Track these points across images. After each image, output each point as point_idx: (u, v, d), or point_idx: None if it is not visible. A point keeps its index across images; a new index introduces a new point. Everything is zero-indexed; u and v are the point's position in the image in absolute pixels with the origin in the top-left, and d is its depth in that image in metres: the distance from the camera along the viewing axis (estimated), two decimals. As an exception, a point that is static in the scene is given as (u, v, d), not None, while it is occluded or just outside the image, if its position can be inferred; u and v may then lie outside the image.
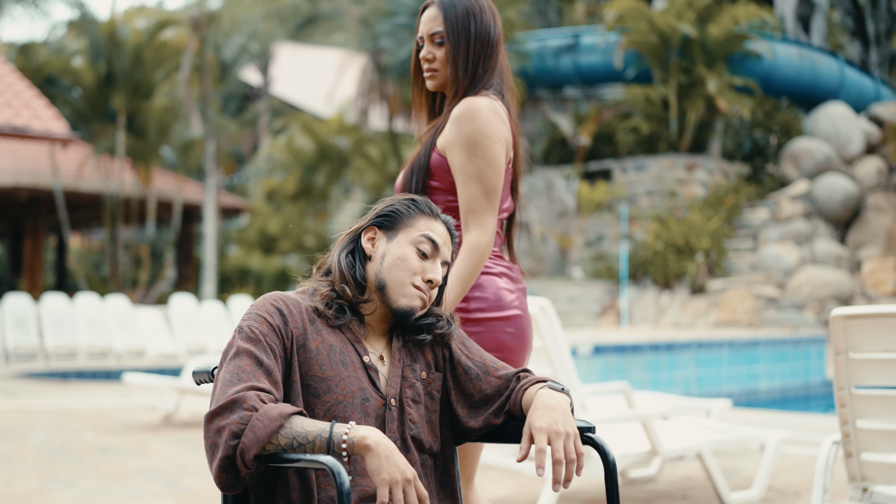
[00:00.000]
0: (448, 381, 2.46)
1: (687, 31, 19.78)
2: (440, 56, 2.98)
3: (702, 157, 20.27)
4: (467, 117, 2.95)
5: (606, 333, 13.85)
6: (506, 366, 2.48)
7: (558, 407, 2.24)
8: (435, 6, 3.00)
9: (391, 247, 2.40)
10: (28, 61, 24.44)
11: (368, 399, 2.32)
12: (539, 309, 5.45)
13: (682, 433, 5.59)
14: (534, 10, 26.25)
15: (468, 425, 2.44)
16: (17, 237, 27.22)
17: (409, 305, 2.36)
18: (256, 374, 2.17)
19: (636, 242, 18.85)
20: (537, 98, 23.92)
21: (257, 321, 2.26)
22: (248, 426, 2.07)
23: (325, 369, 2.29)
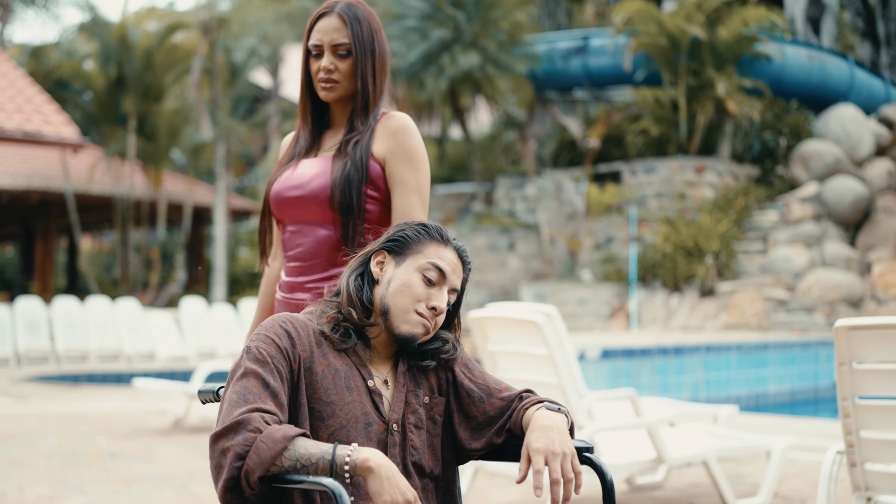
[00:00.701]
0: (451, 405, 2.48)
1: (696, 34, 19.77)
2: (343, 68, 2.91)
3: (711, 160, 20.25)
4: (408, 132, 2.96)
5: (615, 336, 13.86)
6: (509, 386, 2.50)
7: (555, 427, 2.26)
8: (336, 17, 2.91)
9: (398, 272, 2.41)
10: (39, 65, 24.54)
11: (371, 424, 2.34)
12: (544, 316, 5.48)
13: (689, 440, 5.60)
14: (543, 12, 26.27)
15: (470, 447, 2.46)
16: (29, 239, 27.33)
17: (410, 332, 2.37)
18: (262, 395, 2.20)
19: (645, 245, 18.85)
20: (546, 100, 23.93)
21: (265, 342, 2.29)
22: (252, 448, 2.09)
23: (329, 393, 2.32)
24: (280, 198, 2.91)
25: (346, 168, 2.86)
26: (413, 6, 21.48)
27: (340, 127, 2.99)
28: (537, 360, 5.09)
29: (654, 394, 11.61)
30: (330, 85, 2.91)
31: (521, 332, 5.10)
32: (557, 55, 22.63)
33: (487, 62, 20.95)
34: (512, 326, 5.15)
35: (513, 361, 5.29)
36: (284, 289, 2.94)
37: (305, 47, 2.94)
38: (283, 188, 2.91)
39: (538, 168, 22.77)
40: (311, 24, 2.92)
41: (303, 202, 2.86)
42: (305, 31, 2.96)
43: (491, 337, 5.31)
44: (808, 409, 13.25)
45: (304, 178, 2.88)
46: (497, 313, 5.21)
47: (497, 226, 21.61)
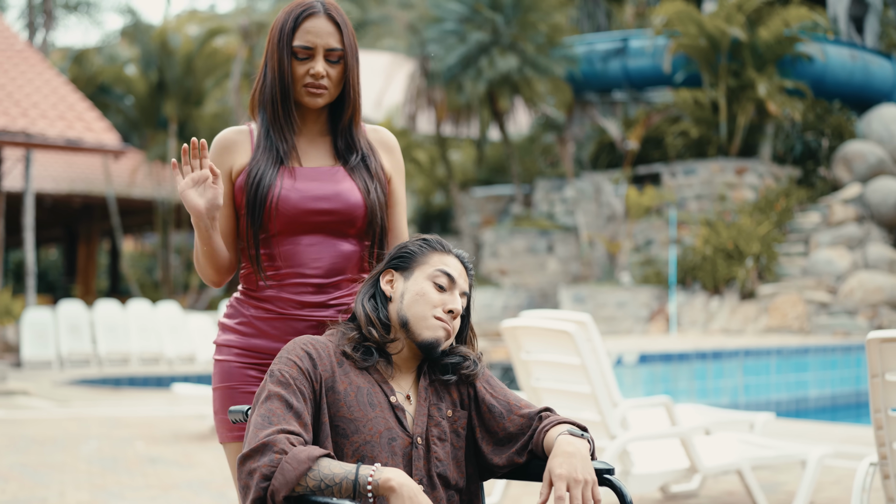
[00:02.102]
0: (473, 419, 2.53)
1: (737, 35, 19.62)
2: (334, 74, 2.74)
3: (752, 161, 20.10)
4: (399, 147, 2.92)
5: (654, 340, 13.80)
6: (529, 403, 2.54)
7: (577, 454, 2.30)
8: (326, 19, 2.73)
9: (409, 285, 2.48)
10: (82, 70, 24.83)
11: (395, 438, 2.40)
12: (576, 326, 5.47)
13: (723, 449, 5.58)
14: (582, 13, 26.19)
15: (493, 462, 2.50)
16: (72, 242, 27.68)
17: (433, 337, 2.44)
18: (286, 416, 2.27)
19: (685, 247, 18.74)
20: (585, 102, 23.85)
21: (287, 365, 2.36)
22: (277, 469, 2.16)
23: (353, 410, 2.38)
24: (301, 208, 2.69)
25: (378, 189, 2.77)
26: (451, 9, 21.50)
27: (315, 135, 2.81)
28: (571, 370, 5.09)
29: (692, 399, 11.55)
30: (320, 91, 2.73)
31: (554, 341, 5.10)
32: (596, 57, 22.56)
33: (526, 65, 20.93)
34: (544, 336, 5.16)
35: (546, 371, 5.29)
36: (295, 305, 2.71)
37: (289, 47, 2.71)
38: (305, 198, 2.70)
39: (577, 170, 22.71)
40: (295, 23, 2.71)
41: (332, 214, 2.71)
42: (280, 28, 2.73)
43: (524, 346, 5.31)
44: (849, 414, 13.12)
45: (333, 191, 2.71)
46: (530, 322, 5.22)
47: (536, 228, 21.57)
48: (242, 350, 2.73)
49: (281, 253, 2.72)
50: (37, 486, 6.54)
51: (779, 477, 6.66)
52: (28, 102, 13.71)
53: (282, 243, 2.72)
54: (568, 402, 5.25)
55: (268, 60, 2.77)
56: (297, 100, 2.77)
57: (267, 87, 2.77)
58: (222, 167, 2.75)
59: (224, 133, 2.80)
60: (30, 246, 18.72)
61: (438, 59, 21.43)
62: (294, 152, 2.76)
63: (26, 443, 8.51)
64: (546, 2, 21.52)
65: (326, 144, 2.82)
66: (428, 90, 21.76)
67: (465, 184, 24.91)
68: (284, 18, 2.74)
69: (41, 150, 13.82)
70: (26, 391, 12.88)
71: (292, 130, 2.77)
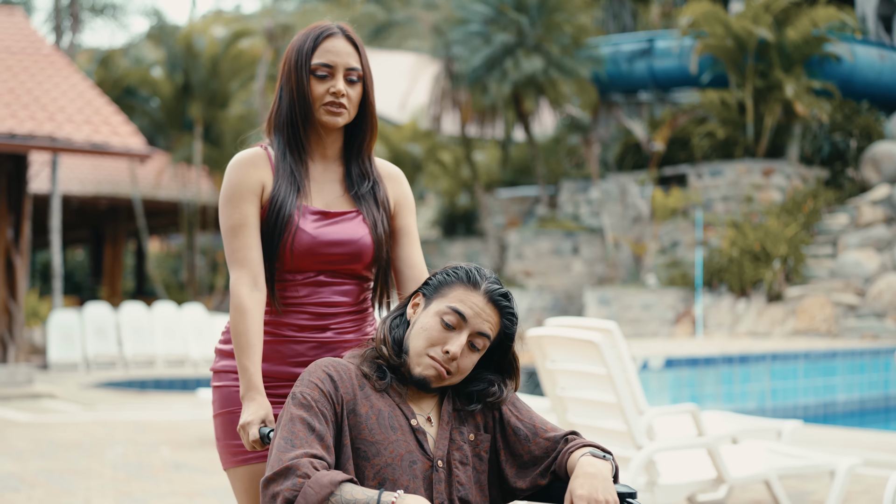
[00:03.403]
0: (497, 442, 2.51)
1: (764, 35, 19.48)
2: (353, 94, 2.75)
3: (779, 162, 19.96)
4: (405, 179, 2.93)
5: (680, 344, 13.71)
6: (555, 427, 2.53)
7: (599, 475, 2.29)
8: (344, 39, 2.75)
9: (422, 315, 2.46)
10: (108, 73, 24.95)
11: (416, 462, 2.38)
12: (602, 335, 5.43)
13: (750, 459, 5.52)
14: (607, 14, 26.09)
15: (516, 485, 2.49)
16: (98, 243, 27.85)
17: (422, 375, 2.41)
18: (309, 439, 2.27)
19: (711, 249, 18.63)
20: (611, 103, 23.76)
21: (309, 387, 2.35)
22: (300, 493, 2.17)
23: (374, 433, 2.37)
24: (317, 252, 2.71)
25: (384, 221, 2.79)
26: (477, 11, 21.46)
27: (330, 160, 2.82)
28: (596, 379, 5.05)
29: (718, 403, 11.48)
30: (340, 110, 2.73)
31: (580, 350, 5.06)
32: (622, 57, 22.46)
33: (551, 66, 20.86)
34: (570, 345, 5.11)
35: (572, 380, 5.25)
36: (300, 329, 2.74)
37: (308, 66, 2.72)
38: (323, 241, 2.71)
39: (602, 171, 22.62)
40: (315, 43, 2.72)
41: (347, 258, 2.74)
42: (298, 49, 2.74)
43: (550, 355, 5.27)
44: (878, 419, 13.01)
45: (349, 236, 2.73)
46: (555, 332, 5.17)
47: (561, 230, 21.51)
48: None
49: (288, 286, 2.73)
50: (63, 492, 6.56)
51: (807, 486, 6.59)
52: (55, 107, 13.78)
53: (291, 277, 2.73)
54: (593, 412, 5.21)
55: (284, 83, 2.76)
56: (319, 120, 2.75)
57: (284, 108, 2.76)
58: (253, 182, 2.73)
59: (244, 154, 2.78)
60: (56, 248, 18.82)
61: (463, 60, 21.40)
62: (309, 181, 2.76)
63: (52, 448, 8.54)
64: (571, 2, 21.45)
65: (339, 170, 2.82)
66: (453, 91, 21.72)
67: (489, 185, 24.87)
68: (302, 40, 2.76)
69: (68, 154, 13.89)
70: (53, 394, 12.94)
71: (308, 153, 2.77)
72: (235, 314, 2.63)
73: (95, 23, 26.66)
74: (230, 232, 2.69)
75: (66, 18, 22.62)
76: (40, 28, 29.03)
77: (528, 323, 20.75)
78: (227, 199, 2.71)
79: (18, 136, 12.81)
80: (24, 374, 13.76)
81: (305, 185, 2.74)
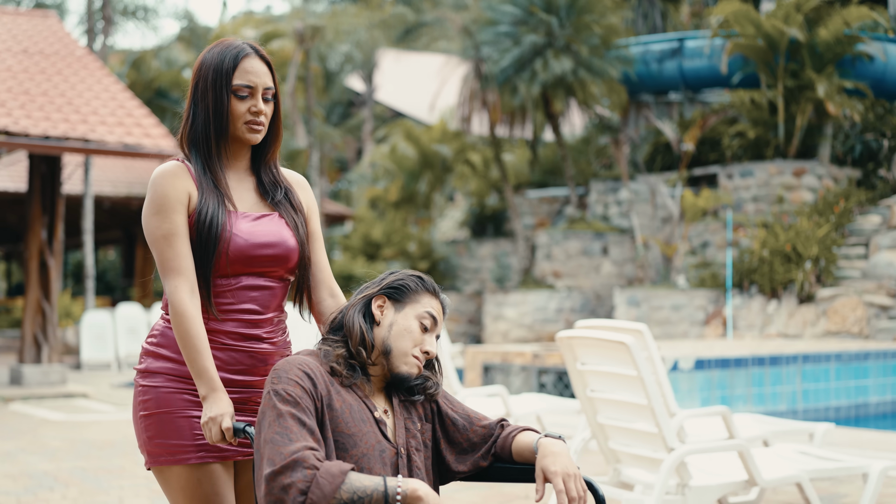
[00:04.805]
0: (437, 432, 2.80)
1: (795, 35, 19.37)
2: (269, 112, 2.92)
3: (810, 162, 19.83)
4: (308, 185, 3.11)
5: (710, 345, 13.65)
6: (485, 416, 2.85)
7: (564, 453, 2.62)
8: (260, 60, 2.91)
9: (398, 317, 2.71)
10: (139, 75, 25.13)
11: (385, 451, 2.63)
12: (633, 336, 5.43)
13: (782, 461, 5.50)
14: (637, 14, 26.01)
15: (456, 469, 2.79)
16: (130, 244, 28.05)
17: (408, 372, 2.68)
18: (303, 434, 2.43)
19: (742, 250, 18.53)
20: (640, 103, 23.68)
21: (290, 385, 2.52)
22: (312, 483, 2.33)
23: (349, 426, 2.58)
24: (249, 254, 2.86)
25: (303, 223, 2.97)
26: (506, 11, 21.45)
27: (242, 171, 2.97)
28: (627, 381, 5.04)
29: (749, 405, 11.42)
30: (259, 128, 2.90)
31: (611, 352, 5.06)
32: (652, 57, 22.39)
33: (580, 66, 20.83)
34: (601, 347, 5.11)
35: (602, 382, 5.25)
36: (236, 338, 2.87)
37: (228, 86, 2.86)
38: (255, 244, 2.87)
39: (632, 172, 22.56)
40: (234, 63, 2.87)
41: (276, 260, 2.89)
42: (216, 68, 2.87)
43: (580, 357, 5.28)
44: (910, 421, 12.90)
45: (278, 237, 2.90)
46: (585, 333, 5.18)
47: (590, 230, 21.47)
48: (176, 377, 2.84)
49: (225, 291, 2.86)
50: (97, 491, 6.62)
51: (839, 489, 6.56)
52: (88, 109, 13.90)
53: (223, 283, 2.86)
54: (624, 414, 5.20)
55: (199, 99, 2.90)
56: (235, 136, 2.91)
57: (199, 124, 2.90)
58: (181, 193, 2.85)
59: (167, 167, 2.91)
60: (89, 248, 18.98)
61: (493, 61, 21.39)
62: (230, 191, 2.90)
63: (86, 447, 8.63)
64: (601, 3, 21.40)
65: (252, 180, 2.98)
66: (482, 92, 21.72)
67: (518, 186, 24.85)
68: (219, 59, 2.89)
69: (100, 156, 14.02)
70: (86, 394, 13.06)
71: (224, 167, 2.92)
72: (181, 320, 2.75)
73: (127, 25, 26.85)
74: (162, 241, 2.81)
75: (99, 21, 22.80)
76: (73, 31, 29.29)
77: (557, 324, 20.72)
78: (156, 209, 2.83)
79: (52, 139, 12.94)
80: (58, 374, 13.90)
81: (228, 192, 2.89)
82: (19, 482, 6.93)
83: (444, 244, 25.34)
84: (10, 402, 12.37)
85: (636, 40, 22.96)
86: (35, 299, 13.96)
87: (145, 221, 2.84)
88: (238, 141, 2.92)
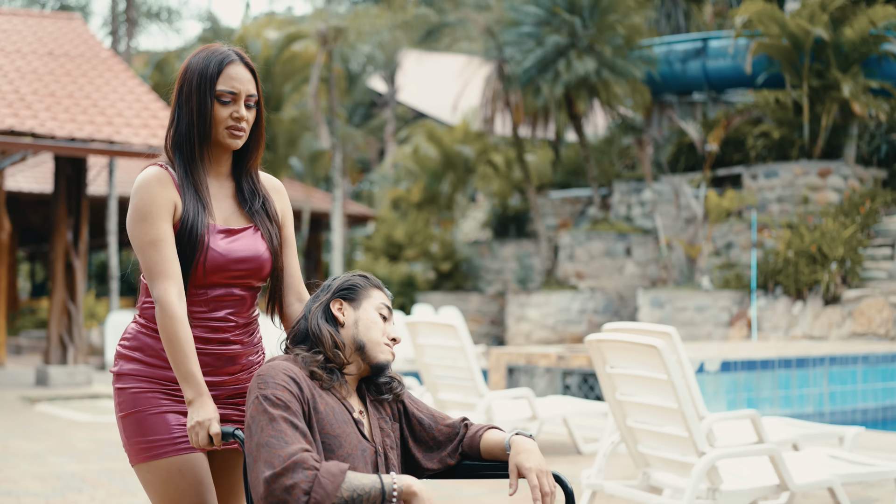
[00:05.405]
0: (405, 431, 2.91)
1: (820, 34, 19.25)
2: (250, 118, 2.97)
3: (836, 163, 19.71)
4: (284, 190, 3.17)
5: (736, 347, 13.58)
6: (447, 415, 2.98)
7: (535, 450, 2.75)
8: (245, 67, 2.96)
9: (360, 314, 2.83)
10: (163, 76, 25.22)
11: (365, 450, 2.73)
12: (663, 340, 5.40)
13: (813, 465, 5.46)
14: (660, 13, 25.92)
15: (425, 466, 2.90)
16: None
17: (386, 360, 2.81)
18: (296, 436, 2.52)
19: (767, 251, 18.43)
20: (664, 103, 23.60)
21: (279, 389, 2.60)
22: (315, 483, 2.42)
23: (334, 427, 2.67)
24: (226, 268, 2.92)
25: (276, 234, 3.03)
26: (529, 12, 21.41)
27: (222, 176, 3.03)
28: (657, 384, 5.02)
29: (775, 407, 11.36)
30: (241, 134, 2.94)
31: (641, 356, 5.03)
32: (675, 58, 22.31)
33: (603, 67, 20.77)
34: (631, 350, 5.09)
35: (632, 385, 5.23)
36: (205, 342, 2.93)
37: (212, 91, 2.90)
38: (232, 259, 2.93)
39: (655, 172, 22.48)
40: (218, 69, 2.91)
41: (250, 273, 2.97)
42: (200, 73, 2.91)
43: (609, 360, 5.25)
44: (939, 424, 12.79)
45: (252, 251, 2.97)
46: (615, 337, 5.15)
47: (613, 231, 21.41)
48: (149, 379, 2.91)
49: (198, 300, 2.92)
50: (124, 492, 6.64)
51: (870, 493, 6.50)
52: (113, 111, 13.96)
53: (200, 291, 2.93)
54: (653, 417, 5.17)
55: (184, 103, 2.94)
56: (217, 141, 2.95)
57: (183, 127, 2.95)
58: (167, 200, 2.90)
59: (151, 174, 2.94)
60: (113, 250, 19.06)
61: (515, 62, 21.36)
62: (209, 198, 2.95)
63: (113, 448, 8.65)
64: (624, 3, 21.33)
65: (231, 185, 3.04)
66: (505, 93, 21.69)
67: (541, 186, 24.81)
68: (204, 64, 2.92)
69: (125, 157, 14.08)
70: (111, 395, 13.10)
71: (204, 171, 2.96)
72: (170, 322, 2.80)
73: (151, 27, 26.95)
74: (149, 247, 2.85)
75: (123, 23, 22.90)
76: (97, 33, 29.43)
77: (580, 325, 20.67)
78: (141, 216, 2.88)
79: (78, 140, 13.00)
80: (84, 375, 13.96)
81: (208, 202, 2.94)
82: (48, 484, 6.96)
83: (467, 245, 25.32)
84: (36, 402, 12.43)
85: (660, 40, 22.89)
86: (61, 300, 14.03)
87: (131, 228, 2.90)
88: (220, 146, 2.97)
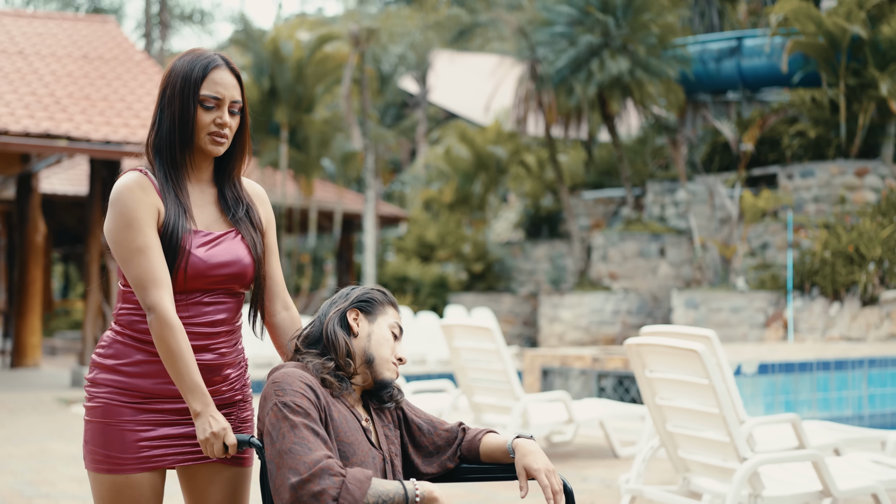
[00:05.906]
0: (404, 437, 2.98)
1: (857, 32, 19.05)
2: (234, 125, 2.92)
3: (873, 162, 19.49)
4: (267, 198, 3.14)
5: (772, 349, 13.44)
6: (444, 420, 3.03)
7: (540, 451, 2.81)
8: (230, 73, 2.92)
9: (374, 328, 2.88)
10: (196, 78, 25.31)
11: (375, 457, 2.78)
12: (704, 344, 5.32)
13: (856, 471, 5.37)
14: (694, 12, 25.75)
15: (424, 471, 2.96)
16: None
17: (391, 378, 2.86)
18: (318, 443, 2.57)
19: (803, 251, 18.25)
20: (698, 103, 23.44)
21: (298, 397, 2.64)
22: (342, 489, 2.49)
23: (347, 435, 2.73)
24: (207, 274, 2.88)
25: (260, 242, 2.99)
26: (562, 12, 21.32)
27: (204, 183, 2.99)
28: (697, 389, 4.94)
29: (813, 410, 11.22)
30: (223, 140, 2.90)
31: (681, 360, 4.96)
32: (709, 57, 22.14)
33: (637, 66, 20.64)
34: (671, 355, 5.01)
35: (672, 389, 5.15)
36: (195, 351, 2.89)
37: (195, 96, 2.86)
38: (212, 264, 2.88)
39: (689, 172, 22.32)
40: (203, 73, 2.87)
41: (232, 278, 2.92)
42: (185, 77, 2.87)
43: (649, 364, 5.18)
44: (980, 427, 12.59)
45: (234, 256, 2.92)
46: (655, 341, 5.08)
47: (647, 231, 21.28)
48: (123, 390, 2.86)
49: (180, 306, 2.86)
50: (159, 496, 6.62)
51: (914, 499, 6.38)
52: (147, 114, 14.02)
53: (182, 297, 2.87)
54: (694, 422, 5.10)
55: (166, 107, 2.89)
56: (198, 147, 2.90)
57: (164, 131, 2.89)
58: (150, 207, 2.85)
59: (132, 179, 2.87)
60: (148, 252, 19.04)
61: (548, 62, 21.28)
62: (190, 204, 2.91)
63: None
64: (658, 2, 21.20)
65: (213, 192, 2.99)
66: (537, 93, 21.60)
67: (574, 187, 24.70)
68: (188, 68, 2.88)
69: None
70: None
71: (185, 176, 2.92)
72: (169, 332, 2.75)
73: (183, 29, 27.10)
74: (137, 254, 2.79)
75: (156, 25, 23.03)
76: (131, 35, 29.61)
77: (613, 326, 20.56)
78: (126, 223, 2.81)
79: (113, 143, 13.05)
80: (118, 376, 14.00)
81: (189, 207, 2.90)
82: (84, 486, 6.97)
83: (499, 246, 25.26)
84: (72, 404, 12.48)
85: (693, 39, 22.74)
86: (96, 302, 14.10)
87: (115, 235, 2.83)
88: (202, 152, 2.92)
